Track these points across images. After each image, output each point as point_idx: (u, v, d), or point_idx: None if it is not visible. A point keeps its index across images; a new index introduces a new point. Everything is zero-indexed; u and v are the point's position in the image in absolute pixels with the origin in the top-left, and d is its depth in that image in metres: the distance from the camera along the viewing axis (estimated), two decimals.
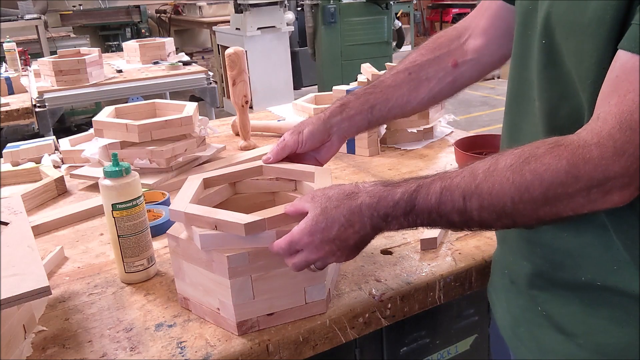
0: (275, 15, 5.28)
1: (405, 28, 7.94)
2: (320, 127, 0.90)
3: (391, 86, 0.92)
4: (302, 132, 0.91)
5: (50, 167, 1.46)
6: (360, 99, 0.92)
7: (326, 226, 0.69)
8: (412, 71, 0.92)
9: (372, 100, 0.91)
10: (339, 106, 0.92)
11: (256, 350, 0.76)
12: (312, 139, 0.90)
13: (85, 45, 5.59)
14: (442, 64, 0.92)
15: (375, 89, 0.93)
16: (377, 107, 0.91)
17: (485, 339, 1.16)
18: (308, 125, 0.91)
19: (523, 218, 0.61)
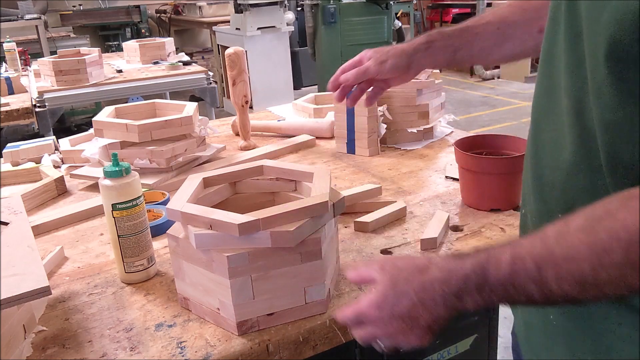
0: (275, 15, 5.28)
1: (405, 28, 7.94)
2: (404, 61, 0.94)
3: (478, 34, 0.94)
4: (385, 63, 0.94)
5: (50, 167, 1.46)
6: (445, 40, 0.94)
7: (396, 301, 0.62)
8: (500, 27, 0.92)
9: (457, 44, 0.94)
10: (424, 42, 0.94)
11: (256, 350, 0.77)
12: (392, 71, 0.95)
13: (85, 45, 5.60)
14: (529, 28, 0.91)
15: (462, 33, 0.95)
16: (460, 51, 0.94)
17: (485, 339, 1.16)
18: (391, 57, 0.94)
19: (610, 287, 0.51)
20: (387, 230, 1.07)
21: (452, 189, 1.26)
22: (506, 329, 2.36)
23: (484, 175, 1.11)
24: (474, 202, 1.14)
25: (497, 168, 1.09)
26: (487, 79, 7.31)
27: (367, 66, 0.95)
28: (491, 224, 1.07)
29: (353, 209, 1.14)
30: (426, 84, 1.55)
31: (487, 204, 1.12)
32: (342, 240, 1.04)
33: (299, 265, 0.78)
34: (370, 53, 0.97)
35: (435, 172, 1.36)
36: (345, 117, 1.51)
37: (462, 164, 1.13)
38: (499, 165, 1.09)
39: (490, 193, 1.11)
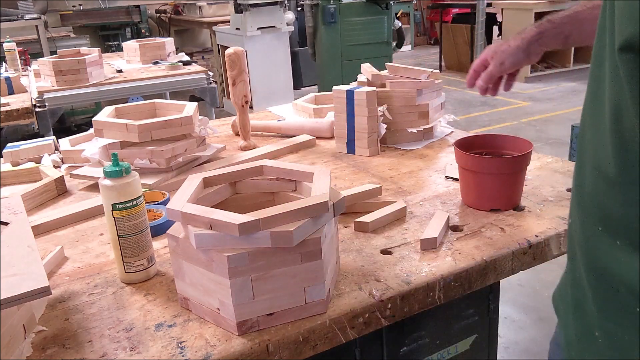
0: (275, 15, 5.28)
1: (405, 28, 7.95)
2: (521, 56, 1.02)
3: (586, 19, 0.96)
4: (504, 64, 1.03)
5: (50, 167, 1.46)
6: (556, 29, 0.99)
7: None
8: None
9: (566, 31, 0.98)
10: (535, 34, 1.00)
11: (256, 350, 0.77)
12: (513, 68, 1.04)
13: (85, 45, 5.60)
14: None
15: (570, 20, 0.98)
16: (571, 37, 0.98)
17: (486, 339, 1.16)
18: (508, 56, 1.03)
19: None
20: (387, 230, 1.07)
21: (452, 189, 1.26)
22: (506, 329, 2.37)
23: (483, 175, 1.11)
24: (474, 202, 1.14)
25: (497, 168, 1.09)
26: None
27: (490, 71, 1.06)
28: (491, 224, 1.07)
29: (353, 209, 1.14)
30: (426, 84, 1.55)
31: (487, 204, 1.12)
32: (342, 240, 1.04)
33: (299, 265, 0.78)
34: (490, 53, 1.06)
35: (435, 172, 1.36)
36: (345, 117, 1.51)
37: (462, 164, 1.13)
38: (499, 165, 1.09)
39: (490, 193, 1.11)
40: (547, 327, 2.39)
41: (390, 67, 1.68)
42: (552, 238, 1.02)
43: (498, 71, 1.05)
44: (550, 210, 1.11)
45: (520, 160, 1.09)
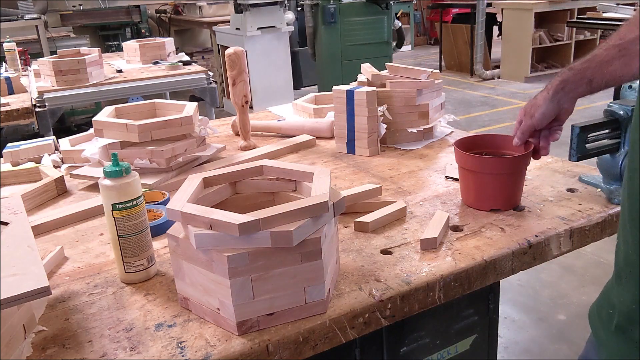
0: (275, 15, 5.28)
1: (405, 28, 7.94)
2: (549, 106, 1.03)
3: (604, 61, 0.97)
4: (534, 116, 1.05)
5: (50, 167, 1.46)
6: (577, 75, 1.01)
7: None
8: (621, 48, 0.94)
9: (589, 75, 0.99)
10: (559, 83, 1.02)
11: (256, 350, 0.76)
12: (545, 119, 1.05)
13: (85, 45, 5.60)
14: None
15: (590, 64, 1.00)
16: (594, 80, 0.99)
17: (486, 339, 1.16)
18: (537, 108, 1.04)
19: None
20: (387, 230, 1.07)
21: (452, 189, 1.26)
22: (506, 329, 2.37)
23: (484, 175, 1.11)
24: (474, 202, 1.14)
25: (497, 168, 1.09)
26: (487, 79, 7.31)
27: (522, 126, 1.08)
28: (491, 224, 1.07)
29: (353, 209, 1.14)
30: (426, 84, 1.55)
31: (487, 204, 1.12)
32: (342, 240, 1.04)
33: (299, 265, 0.78)
34: (523, 110, 1.09)
35: (435, 172, 1.36)
36: (345, 117, 1.51)
37: (462, 163, 1.14)
38: (499, 166, 1.09)
39: (490, 193, 1.11)
40: (547, 327, 2.39)
41: (390, 67, 1.68)
42: (552, 238, 1.02)
43: (529, 125, 1.06)
44: (550, 210, 1.11)
45: (520, 161, 1.09)
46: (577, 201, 1.14)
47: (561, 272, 2.76)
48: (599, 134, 1.13)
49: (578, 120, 1.13)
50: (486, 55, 7.53)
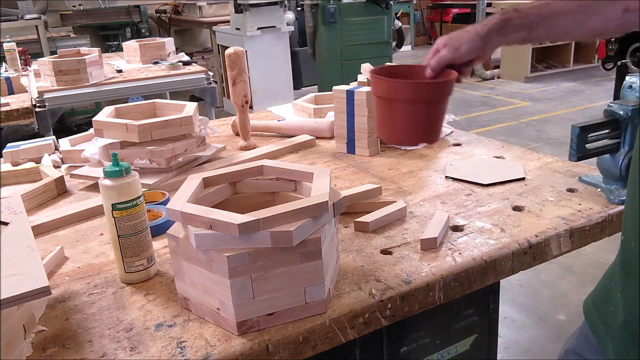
0: (275, 15, 5.28)
1: (405, 28, 7.94)
2: (479, 43, 0.94)
3: (557, 13, 0.91)
4: (459, 49, 0.94)
5: (50, 167, 1.46)
6: (521, 19, 0.93)
7: None
8: (582, 4, 0.90)
9: (533, 22, 0.92)
10: (498, 22, 0.93)
11: (256, 350, 0.76)
12: (469, 55, 0.95)
13: (85, 45, 5.59)
14: (615, 6, 0.88)
15: (539, 11, 0.92)
16: (536, 29, 0.92)
17: (486, 339, 1.16)
18: (465, 42, 0.95)
19: None
20: (387, 230, 1.07)
21: (452, 189, 1.26)
22: (506, 329, 2.37)
23: (398, 103, 0.98)
24: (388, 135, 1.05)
25: (413, 94, 0.97)
26: (487, 78, 7.31)
27: (442, 55, 0.96)
28: (491, 224, 1.07)
29: (353, 209, 1.14)
30: None
31: (402, 137, 1.03)
32: (342, 240, 1.04)
33: (299, 265, 0.78)
34: (444, 40, 0.98)
35: (435, 172, 1.36)
36: (345, 117, 1.51)
37: (375, 91, 1.02)
38: (416, 91, 0.97)
39: (406, 123, 0.99)
40: (547, 327, 2.39)
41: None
42: (552, 238, 1.02)
43: (450, 58, 0.95)
44: (550, 210, 1.11)
45: (439, 88, 0.98)
46: (577, 201, 1.14)
47: (561, 272, 2.76)
48: (599, 134, 1.13)
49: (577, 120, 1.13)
50: None
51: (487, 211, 1.13)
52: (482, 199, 1.19)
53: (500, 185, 1.25)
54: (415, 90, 0.97)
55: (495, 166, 1.36)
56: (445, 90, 0.99)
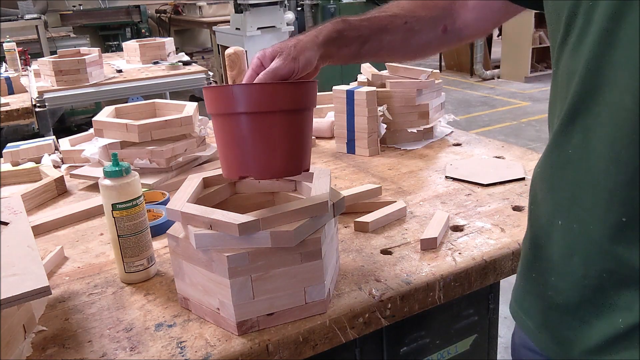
0: (275, 15, 5.28)
1: None
2: (317, 53, 0.82)
3: (386, 28, 0.90)
4: (298, 60, 0.79)
5: (50, 167, 1.46)
6: (355, 30, 0.88)
7: None
8: (408, 21, 0.90)
9: (365, 35, 0.88)
10: (334, 31, 0.85)
11: (256, 350, 0.76)
12: (307, 67, 0.81)
13: (85, 45, 5.59)
14: (435, 26, 0.92)
15: (370, 24, 0.89)
16: (368, 43, 0.88)
17: (485, 339, 1.16)
18: (304, 50, 0.81)
19: None
20: (387, 230, 1.07)
21: (452, 188, 1.26)
22: (506, 329, 2.37)
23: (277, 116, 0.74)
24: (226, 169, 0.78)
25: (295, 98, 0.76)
26: (487, 79, 7.31)
27: (277, 67, 0.78)
28: (491, 224, 1.07)
29: (353, 209, 1.14)
30: (426, 84, 1.55)
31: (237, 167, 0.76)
32: (342, 240, 1.04)
33: (299, 265, 0.78)
34: (270, 51, 0.81)
35: (435, 172, 1.36)
36: (345, 117, 1.51)
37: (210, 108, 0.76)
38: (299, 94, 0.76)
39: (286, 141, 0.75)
40: None
41: (390, 67, 1.68)
42: None
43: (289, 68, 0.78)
44: None
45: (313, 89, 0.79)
46: None
47: None
48: None
49: None
50: (486, 55, 7.53)
51: (487, 211, 1.13)
52: (482, 199, 1.19)
53: (500, 185, 1.26)
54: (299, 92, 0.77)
55: (495, 166, 1.36)
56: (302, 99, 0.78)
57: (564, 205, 0.67)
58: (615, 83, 0.59)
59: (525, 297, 0.77)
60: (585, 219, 0.64)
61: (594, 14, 0.61)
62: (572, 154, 0.65)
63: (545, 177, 0.71)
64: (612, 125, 0.60)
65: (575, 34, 0.64)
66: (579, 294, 0.67)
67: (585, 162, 0.63)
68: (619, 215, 0.60)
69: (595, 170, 0.62)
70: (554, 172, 0.69)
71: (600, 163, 0.61)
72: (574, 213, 0.66)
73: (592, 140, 0.62)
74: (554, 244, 0.69)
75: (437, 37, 0.93)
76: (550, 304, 0.71)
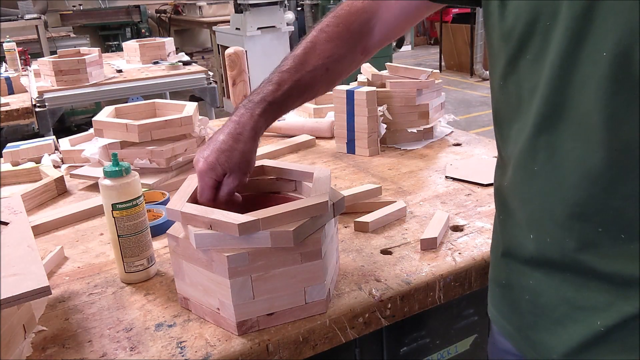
0: (275, 15, 5.28)
1: None
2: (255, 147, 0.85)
3: (309, 86, 0.90)
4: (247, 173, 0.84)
5: (50, 167, 1.46)
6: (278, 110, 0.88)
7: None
8: (329, 67, 0.90)
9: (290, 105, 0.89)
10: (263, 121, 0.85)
11: (256, 350, 0.76)
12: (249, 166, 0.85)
13: (85, 45, 5.59)
14: (355, 55, 0.93)
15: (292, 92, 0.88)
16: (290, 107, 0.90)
17: (486, 339, 1.16)
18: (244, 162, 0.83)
19: None
20: (387, 230, 1.07)
21: (452, 189, 1.26)
22: None
23: None
24: None
25: None
26: (487, 79, 7.31)
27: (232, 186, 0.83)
28: (491, 224, 1.07)
29: (353, 209, 1.14)
30: (426, 84, 1.55)
31: None
32: (342, 240, 1.04)
33: (299, 265, 0.78)
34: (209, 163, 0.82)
35: (435, 172, 1.36)
36: (345, 117, 1.51)
37: None
38: None
39: None
40: None
41: (390, 67, 1.68)
42: None
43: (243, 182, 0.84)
44: None
45: None
46: None
47: None
48: None
49: None
50: (486, 55, 7.53)
51: (487, 211, 1.13)
52: (482, 199, 1.19)
53: None
54: None
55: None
56: None
57: (535, 218, 0.68)
58: (580, 101, 0.59)
59: (502, 302, 0.78)
60: (558, 232, 0.65)
61: (553, 34, 0.60)
62: (539, 169, 0.65)
63: (516, 190, 0.71)
64: (579, 142, 0.60)
65: (533, 52, 0.64)
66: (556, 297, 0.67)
67: (554, 177, 0.63)
68: (595, 227, 0.61)
69: (567, 185, 0.62)
70: (524, 186, 0.69)
71: (571, 178, 0.62)
72: (547, 226, 0.66)
73: (560, 156, 0.62)
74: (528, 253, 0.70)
75: (358, 63, 0.95)
76: (528, 307, 0.72)
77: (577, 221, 0.62)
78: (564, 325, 0.67)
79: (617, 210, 0.59)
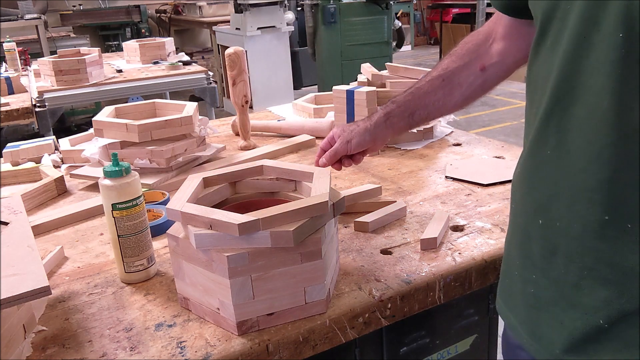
0: (275, 15, 5.28)
1: (405, 28, 7.94)
2: (367, 137, 1.02)
3: (428, 92, 1.01)
4: (350, 142, 1.02)
5: (50, 167, 1.46)
6: (401, 107, 1.02)
7: None
8: (445, 78, 1.00)
9: (412, 108, 1.02)
10: (383, 116, 1.03)
11: (256, 350, 0.77)
12: (359, 148, 1.03)
13: (85, 45, 5.60)
14: (472, 69, 0.98)
15: (413, 96, 1.02)
16: (416, 113, 1.02)
17: (485, 339, 1.16)
18: (355, 135, 1.02)
19: None
20: (387, 230, 1.07)
21: (452, 189, 1.26)
22: None
23: None
24: None
25: None
26: None
27: (336, 148, 1.03)
28: (491, 224, 1.07)
29: (353, 209, 1.14)
30: None
31: None
32: (342, 240, 1.04)
33: (299, 265, 0.78)
34: (338, 131, 1.05)
35: (435, 172, 1.36)
36: (345, 117, 1.51)
37: None
38: None
39: None
40: None
41: (390, 67, 1.68)
42: None
43: (344, 149, 1.03)
44: None
45: None
46: None
47: None
48: None
49: None
50: None
51: (487, 211, 1.13)
52: (482, 199, 1.19)
53: (501, 185, 1.26)
54: None
55: (495, 166, 1.36)
56: None
57: (544, 204, 0.69)
58: (591, 86, 0.60)
59: (510, 295, 0.78)
60: (566, 216, 0.65)
61: (570, 16, 0.62)
62: (550, 154, 0.66)
63: (525, 177, 0.72)
64: (590, 126, 0.61)
65: (551, 38, 0.65)
66: (558, 291, 0.68)
67: (564, 161, 0.64)
68: (601, 214, 0.62)
69: (575, 170, 0.63)
70: (533, 172, 0.70)
71: (579, 162, 0.62)
72: (555, 211, 0.67)
73: (570, 140, 0.63)
74: (535, 242, 0.71)
75: (477, 79, 0.99)
76: (531, 301, 0.73)
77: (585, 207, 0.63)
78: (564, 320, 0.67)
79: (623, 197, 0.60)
